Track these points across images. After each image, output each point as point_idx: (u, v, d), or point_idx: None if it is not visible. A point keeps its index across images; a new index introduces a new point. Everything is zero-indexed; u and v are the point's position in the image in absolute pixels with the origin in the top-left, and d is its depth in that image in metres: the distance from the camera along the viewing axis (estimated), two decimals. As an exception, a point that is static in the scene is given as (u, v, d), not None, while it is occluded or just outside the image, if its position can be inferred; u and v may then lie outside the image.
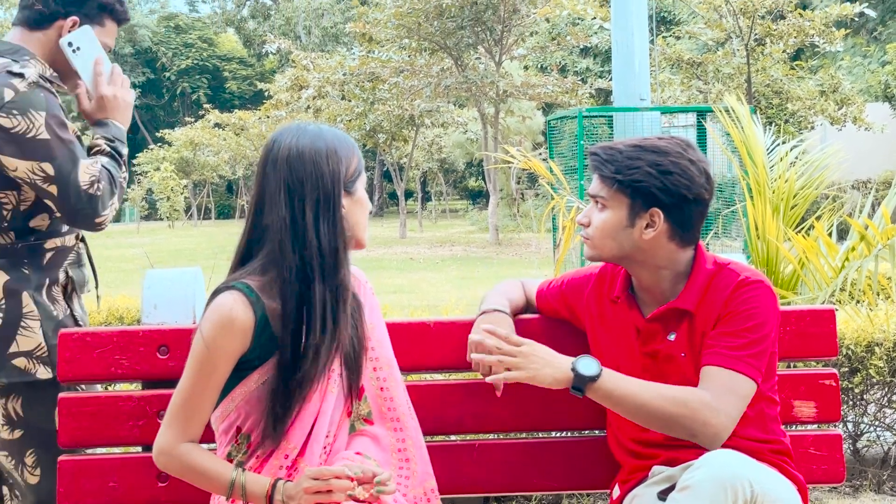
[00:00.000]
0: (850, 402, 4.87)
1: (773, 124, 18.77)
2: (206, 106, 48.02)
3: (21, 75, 2.82)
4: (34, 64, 2.92)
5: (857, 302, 4.82)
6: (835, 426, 3.11)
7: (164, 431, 2.41)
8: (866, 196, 23.40)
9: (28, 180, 2.78)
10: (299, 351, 2.36)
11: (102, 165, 2.89)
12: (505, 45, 26.07)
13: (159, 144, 51.21)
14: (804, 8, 20.94)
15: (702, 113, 12.68)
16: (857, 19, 21.45)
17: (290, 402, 2.37)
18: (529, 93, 26.62)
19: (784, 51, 18.82)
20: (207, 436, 2.48)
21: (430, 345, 2.90)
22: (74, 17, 2.99)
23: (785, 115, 19.52)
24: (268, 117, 34.97)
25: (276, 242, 2.36)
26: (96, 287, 3.27)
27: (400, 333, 2.83)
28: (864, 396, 4.88)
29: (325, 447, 2.44)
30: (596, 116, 12.26)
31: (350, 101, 28.35)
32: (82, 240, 3.14)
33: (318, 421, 2.43)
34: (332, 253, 2.37)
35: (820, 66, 26.30)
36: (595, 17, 17.47)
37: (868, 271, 4.37)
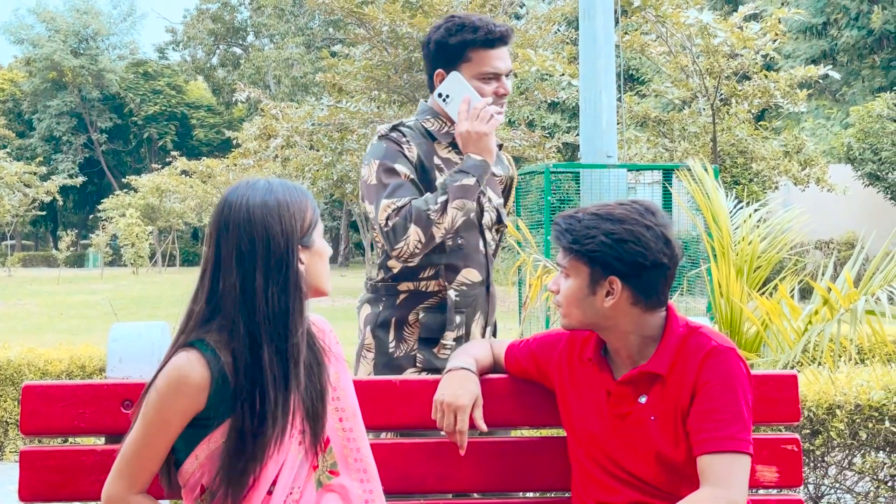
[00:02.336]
0: (811, 465, 4.89)
1: (738, 183, 18.96)
2: (174, 153, 47.96)
3: (378, 132, 3.35)
4: (431, 121, 3.42)
5: (819, 364, 4.86)
6: (796, 491, 3.13)
7: (114, 481, 2.40)
8: (829, 256, 23.62)
9: (367, 220, 3.20)
10: (254, 415, 2.34)
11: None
12: (473, 99, 26.19)
13: (125, 191, 50.98)
14: (769, 69, 21.18)
15: (668, 171, 12.78)
16: (820, 81, 21.74)
17: (247, 464, 2.35)
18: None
19: (749, 111, 19.01)
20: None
21: (396, 403, 2.89)
22: (439, 71, 3.36)
23: (749, 174, 19.66)
24: (235, 165, 34.90)
25: (229, 309, 2.36)
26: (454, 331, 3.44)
27: (365, 391, 2.82)
28: (825, 459, 4.91)
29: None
30: (563, 172, 12.32)
31: (318, 150, 28.34)
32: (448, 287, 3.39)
33: (280, 477, 2.40)
34: (283, 315, 2.36)
35: (784, 127, 26.62)
36: (563, 74, 17.54)
37: (830, 335, 4.41)
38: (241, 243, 2.36)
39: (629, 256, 2.51)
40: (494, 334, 3.56)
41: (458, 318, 3.36)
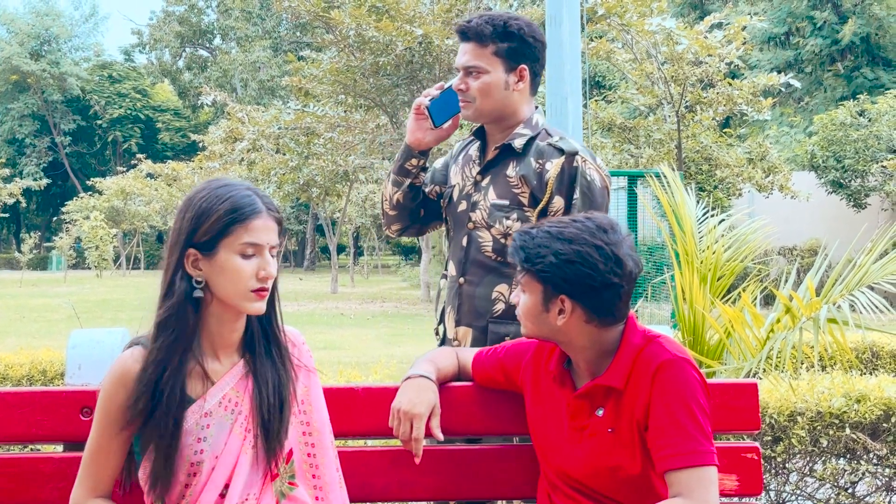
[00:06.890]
0: (773, 471, 4.91)
1: (703, 190, 19.07)
2: (139, 156, 47.67)
3: None
4: None
5: (781, 371, 4.89)
6: (756, 499, 3.14)
7: (76, 486, 2.43)
8: (792, 263, 23.78)
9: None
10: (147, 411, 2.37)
11: None
12: (440, 104, 26.15)
13: (89, 193, 50.56)
14: (733, 77, 21.34)
15: (633, 177, 12.79)
16: (784, 90, 21.91)
17: (159, 458, 2.35)
18: (463, 152, 26.63)
19: (714, 118, 19.13)
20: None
21: (358, 411, 2.88)
22: None
23: (714, 181, 19.78)
24: (201, 168, 34.75)
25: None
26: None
27: (328, 398, 2.80)
28: (787, 465, 4.93)
29: None
30: (529, 178, 12.28)
31: (284, 154, 28.26)
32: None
33: (232, 482, 2.40)
34: (173, 310, 2.38)
35: (748, 135, 26.80)
36: (530, 80, 17.56)
37: (793, 344, 4.43)
38: (170, 231, 2.47)
39: (577, 278, 2.49)
40: (487, 341, 3.30)
41: (440, 307, 3.51)
